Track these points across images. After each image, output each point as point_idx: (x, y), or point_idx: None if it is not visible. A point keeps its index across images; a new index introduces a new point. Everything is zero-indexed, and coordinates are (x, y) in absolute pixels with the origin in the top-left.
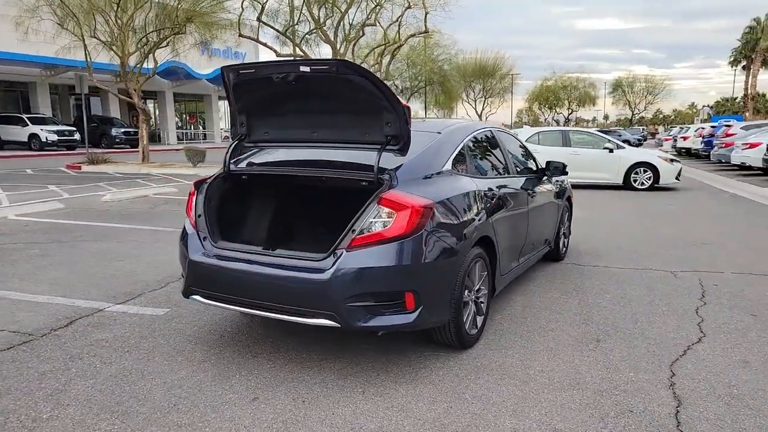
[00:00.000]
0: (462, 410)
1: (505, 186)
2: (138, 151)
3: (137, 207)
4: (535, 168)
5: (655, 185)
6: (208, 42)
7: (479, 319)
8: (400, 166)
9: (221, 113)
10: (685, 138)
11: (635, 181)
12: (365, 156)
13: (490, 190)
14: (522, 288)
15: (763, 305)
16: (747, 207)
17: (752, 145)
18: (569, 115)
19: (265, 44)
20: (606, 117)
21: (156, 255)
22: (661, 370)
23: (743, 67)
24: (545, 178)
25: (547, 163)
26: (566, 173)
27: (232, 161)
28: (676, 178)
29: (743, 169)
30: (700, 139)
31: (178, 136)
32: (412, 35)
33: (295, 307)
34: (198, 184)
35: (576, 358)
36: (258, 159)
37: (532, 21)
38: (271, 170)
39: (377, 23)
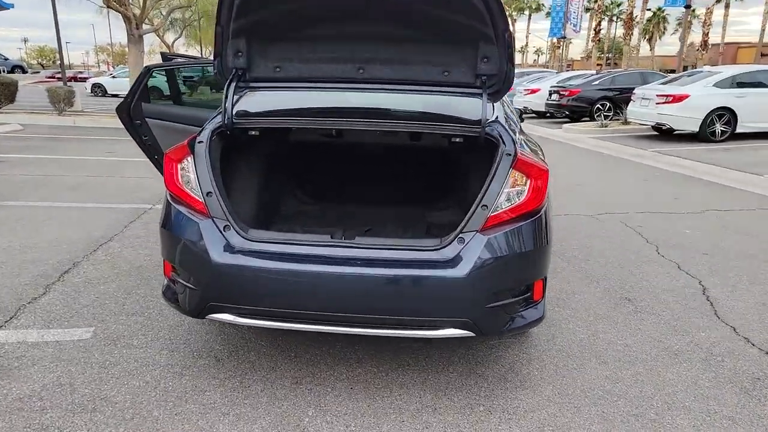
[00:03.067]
0: (619, 412)
1: None
2: None
3: None
4: None
5: None
6: None
7: None
8: (498, 117)
9: None
10: None
11: None
12: (440, 103)
13: None
14: None
15: (702, 243)
16: (560, 147)
17: (533, 91)
18: None
19: None
20: None
21: None
22: (721, 326)
23: None
24: None
25: None
26: (522, 120)
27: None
28: None
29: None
30: None
31: None
32: None
33: (413, 318)
34: (191, 144)
35: (636, 324)
36: (265, 106)
37: None
38: (300, 122)
39: None
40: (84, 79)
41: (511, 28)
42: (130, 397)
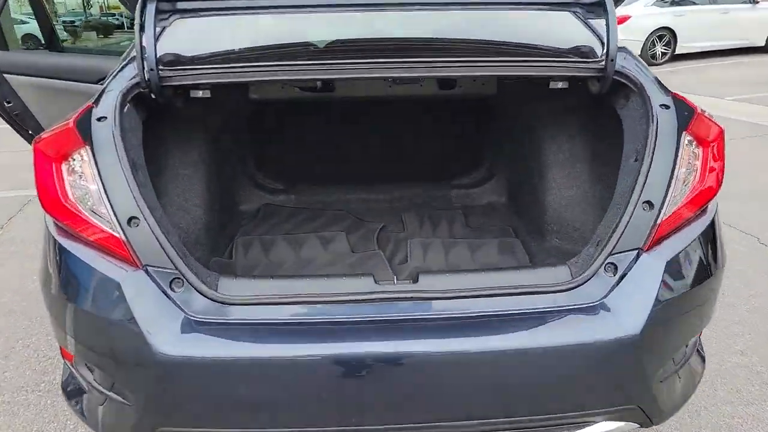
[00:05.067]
0: None
1: None
2: None
3: None
4: None
5: None
6: None
7: None
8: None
9: None
10: None
11: None
12: (521, 25)
13: None
14: None
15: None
16: None
17: None
18: None
19: None
20: None
21: None
22: None
23: None
24: None
25: None
26: None
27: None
28: None
29: None
30: None
31: None
32: None
33: (537, 417)
34: (83, 123)
35: (731, 316)
36: (214, 44)
37: None
38: (281, 70)
39: None
40: None
41: None
42: None
